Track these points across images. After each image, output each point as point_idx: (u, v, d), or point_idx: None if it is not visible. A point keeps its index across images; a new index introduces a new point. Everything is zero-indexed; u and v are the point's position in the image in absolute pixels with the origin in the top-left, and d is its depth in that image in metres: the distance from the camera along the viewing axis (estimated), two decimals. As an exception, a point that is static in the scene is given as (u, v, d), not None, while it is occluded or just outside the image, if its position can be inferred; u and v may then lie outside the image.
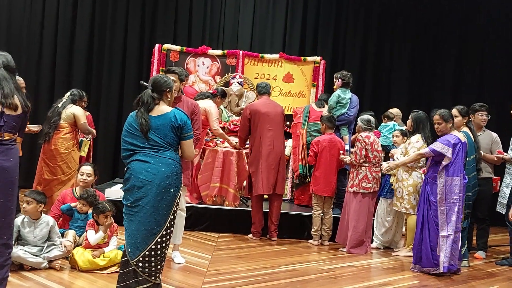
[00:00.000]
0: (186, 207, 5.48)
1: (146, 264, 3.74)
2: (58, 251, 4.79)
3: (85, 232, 4.95)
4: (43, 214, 4.92)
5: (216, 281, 4.74)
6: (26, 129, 6.23)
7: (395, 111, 7.90)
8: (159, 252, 3.77)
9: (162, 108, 3.97)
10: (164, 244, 3.80)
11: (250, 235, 6.83)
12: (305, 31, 10.39)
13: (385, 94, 10.36)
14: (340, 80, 7.44)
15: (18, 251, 4.56)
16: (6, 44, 9.36)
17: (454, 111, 6.05)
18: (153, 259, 3.75)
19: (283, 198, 7.81)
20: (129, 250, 3.75)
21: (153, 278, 3.79)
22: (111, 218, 5.01)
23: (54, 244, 4.84)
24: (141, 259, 3.73)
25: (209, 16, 10.37)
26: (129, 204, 3.80)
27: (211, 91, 7.40)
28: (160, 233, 3.76)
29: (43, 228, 4.83)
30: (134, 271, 3.74)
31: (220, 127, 7.78)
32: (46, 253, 4.75)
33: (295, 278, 5.07)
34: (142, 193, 3.75)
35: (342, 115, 7.37)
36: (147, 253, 3.73)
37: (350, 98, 7.37)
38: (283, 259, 5.84)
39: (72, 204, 5.25)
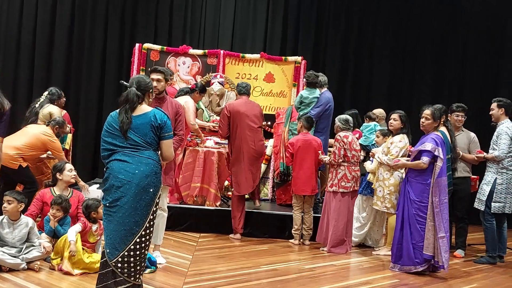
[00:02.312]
0: (167, 207, 5.45)
1: (125, 265, 3.72)
2: (37, 252, 4.75)
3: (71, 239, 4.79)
4: (22, 215, 4.86)
5: (197, 281, 4.72)
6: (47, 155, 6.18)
7: (378, 111, 7.94)
8: (138, 252, 3.74)
9: (143, 108, 3.97)
10: (143, 245, 3.77)
11: (232, 235, 6.85)
12: (286, 31, 10.40)
13: (365, 93, 10.42)
14: (304, 80, 7.57)
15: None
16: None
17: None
18: (132, 259, 3.72)
19: (263, 198, 7.91)
20: (108, 250, 3.73)
21: (132, 279, 3.76)
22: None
23: (33, 245, 4.79)
24: (120, 259, 3.71)
25: (190, 16, 10.32)
26: (107, 204, 3.77)
27: (189, 86, 7.37)
28: (139, 233, 3.73)
29: (22, 229, 4.78)
30: (113, 272, 3.72)
31: (201, 127, 7.85)
32: (25, 254, 4.70)
33: (276, 277, 5.07)
34: (121, 193, 3.74)
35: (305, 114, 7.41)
36: (126, 253, 3.71)
37: (316, 97, 7.39)
38: (264, 258, 5.84)
39: (50, 223, 5.11)
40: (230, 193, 8.07)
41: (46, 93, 6.65)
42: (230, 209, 6.97)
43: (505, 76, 9.90)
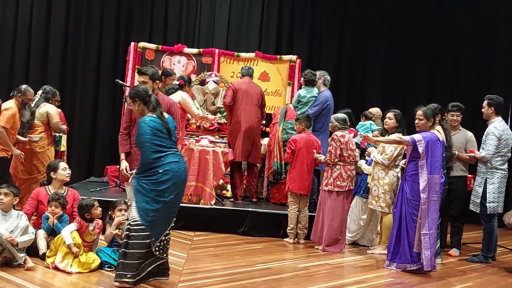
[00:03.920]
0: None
1: (162, 246, 4.38)
2: (28, 237, 4.76)
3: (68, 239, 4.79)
4: (13, 207, 4.89)
5: (192, 279, 4.72)
6: (27, 139, 6.17)
7: (374, 110, 7.94)
8: (169, 234, 4.47)
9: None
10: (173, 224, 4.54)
11: (232, 199, 7.69)
12: (281, 30, 10.41)
13: (360, 92, 10.44)
14: (302, 79, 7.58)
15: (1, 230, 4.57)
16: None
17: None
18: (165, 242, 4.43)
19: (259, 197, 7.93)
20: (153, 239, 4.29)
21: (165, 255, 4.44)
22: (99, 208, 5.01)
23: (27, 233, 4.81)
24: (158, 243, 4.34)
25: (185, 15, 10.31)
26: (168, 201, 4.32)
27: (177, 83, 7.37)
28: (175, 219, 4.53)
29: (14, 220, 4.79)
30: (155, 256, 4.37)
31: (196, 126, 7.98)
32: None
33: (271, 276, 5.07)
34: (179, 189, 4.42)
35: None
36: (163, 237, 4.38)
37: (314, 96, 7.40)
38: (259, 257, 5.85)
39: (49, 221, 5.11)
40: (225, 191, 8.10)
41: (40, 92, 6.62)
42: (225, 207, 7.04)
43: (499, 73, 9.93)
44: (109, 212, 5.09)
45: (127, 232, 4.32)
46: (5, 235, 4.57)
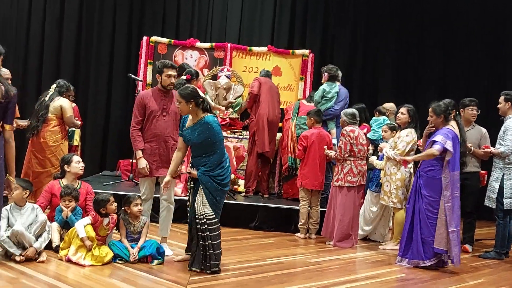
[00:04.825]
0: (174, 199, 5.47)
1: None
2: (44, 242, 4.81)
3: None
4: (27, 202, 4.92)
5: (203, 273, 4.73)
6: (14, 124, 6.19)
7: (389, 105, 7.89)
8: None
9: None
10: None
11: (243, 193, 7.79)
12: (294, 24, 10.38)
13: (373, 87, 10.39)
14: (326, 74, 7.52)
15: (19, 227, 4.61)
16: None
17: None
18: None
19: (270, 192, 7.96)
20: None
21: None
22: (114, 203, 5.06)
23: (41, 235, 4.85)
24: None
25: (198, 9, 10.32)
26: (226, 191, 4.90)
27: (184, 77, 7.37)
28: None
29: (30, 214, 4.83)
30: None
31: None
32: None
33: (282, 271, 5.08)
34: None
35: (328, 109, 7.41)
36: None
37: (337, 92, 7.39)
38: (270, 252, 5.86)
39: (63, 214, 5.17)
40: (236, 186, 8.11)
41: (54, 86, 6.64)
42: (237, 202, 7.07)
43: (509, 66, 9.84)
44: (123, 207, 5.11)
45: (201, 226, 4.69)
46: (27, 252, 4.62)
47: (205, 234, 4.69)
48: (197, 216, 4.73)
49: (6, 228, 4.66)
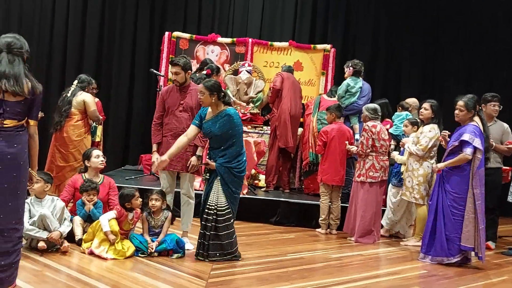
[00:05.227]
0: (195, 194, 5.50)
1: None
2: (67, 227, 4.91)
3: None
4: (47, 194, 5.03)
5: (224, 267, 4.76)
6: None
7: (411, 101, 7.80)
8: None
9: None
10: None
11: (264, 188, 7.84)
12: (315, 18, 10.31)
13: (396, 82, 10.28)
14: (351, 68, 7.45)
15: (45, 211, 4.72)
16: (18, 32, 9.34)
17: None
18: None
19: (291, 187, 7.95)
20: (233, 219, 4.99)
21: None
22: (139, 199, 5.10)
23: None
24: None
25: (219, 3, 10.32)
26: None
27: (205, 73, 7.39)
28: None
29: (50, 205, 4.92)
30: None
31: None
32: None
33: (302, 266, 5.07)
34: None
35: (351, 104, 7.37)
36: None
37: (360, 87, 7.35)
38: (291, 247, 5.85)
39: (85, 208, 5.24)
40: (257, 181, 8.12)
41: (76, 81, 6.71)
42: (258, 197, 7.10)
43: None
44: (145, 201, 5.15)
45: (209, 216, 4.82)
46: (52, 234, 4.70)
47: (210, 224, 4.85)
48: (208, 206, 4.86)
49: (28, 219, 4.74)
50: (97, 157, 5.52)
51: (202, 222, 4.90)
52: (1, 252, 3.37)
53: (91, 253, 4.78)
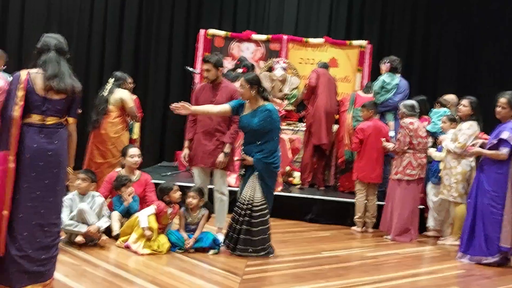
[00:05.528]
0: (230, 191, 5.52)
1: None
2: (104, 223, 4.98)
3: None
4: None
5: (259, 264, 4.76)
6: None
7: (450, 97, 7.64)
8: None
9: None
10: None
11: (299, 186, 7.80)
12: (351, 14, 10.22)
13: (433, 79, 10.11)
14: (388, 64, 7.35)
15: (83, 206, 4.81)
16: (58, 30, 9.53)
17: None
18: None
19: (326, 185, 7.90)
20: (269, 215, 5.02)
21: None
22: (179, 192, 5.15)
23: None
24: None
25: (254, 1, 10.32)
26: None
27: (240, 71, 7.41)
28: None
29: (90, 201, 5.01)
30: None
31: None
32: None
33: (338, 264, 5.04)
34: None
35: (386, 101, 7.27)
36: None
37: (397, 84, 7.25)
38: (326, 245, 5.82)
39: (125, 203, 5.33)
40: (291, 178, 8.10)
41: (111, 79, 6.79)
42: (292, 194, 7.09)
43: None
44: (183, 197, 5.20)
45: (243, 211, 4.85)
46: (90, 228, 4.78)
47: (242, 218, 4.86)
48: (242, 200, 4.88)
49: (69, 214, 4.84)
50: (132, 157, 5.58)
51: (233, 215, 4.94)
52: (42, 247, 3.46)
53: (127, 247, 4.86)
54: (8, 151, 3.34)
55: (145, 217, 4.90)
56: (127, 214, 5.28)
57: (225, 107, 4.99)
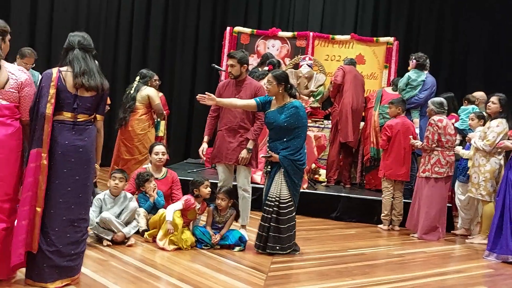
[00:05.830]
0: (256, 188, 5.52)
1: None
2: (133, 229, 4.99)
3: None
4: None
5: (284, 261, 4.77)
6: None
7: (478, 94, 7.53)
8: None
9: None
10: None
11: (325, 183, 7.77)
12: (378, 10, 10.13)
13: (461, 76, 9.96)
14: (414, 61, 7.27)
15: (107, 215, 4.79)
16: (85, 29, 9.65)
17: None
18: None
19: (352, 182, 7.86)
20: (295, 212, 5.02)
21: None
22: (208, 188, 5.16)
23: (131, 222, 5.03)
24: None
25: (280, -2, 10.31)
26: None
27: (267, 68, 7.40)
28: None
29: (122, 202, 5.01)
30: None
31: None
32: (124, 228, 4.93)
33: (364, 262, 5.02)
34: None
35: (412, 98, 7.20)
36: None
37: (423, 81, 7.17)
38: (352, 242, 5.80)
39: (151, 199, 5.38)
40: (317, 176, 8.08)
41: (138, 78, 6.87)
42: (318, 192, 7.08)
43: None
44: (214, 195, 5.23)
45: (270, 208, 4.85)
46: (116, 236, 4.80)
47: (271, 216, 4.85)
48: (269, 198, 4.88)
49: (97, 215, 4.87)
50: (156, 154, 5.63)
51: (263, 214, 4.93)
52: (72, 242, 3.53)
53: (154, 241, 4.91)
54: (41, 148, 3.42)
55: (172, 211, 4.92)
56: (153, 210, 5.33)
57: (251, 102, 5.00)
